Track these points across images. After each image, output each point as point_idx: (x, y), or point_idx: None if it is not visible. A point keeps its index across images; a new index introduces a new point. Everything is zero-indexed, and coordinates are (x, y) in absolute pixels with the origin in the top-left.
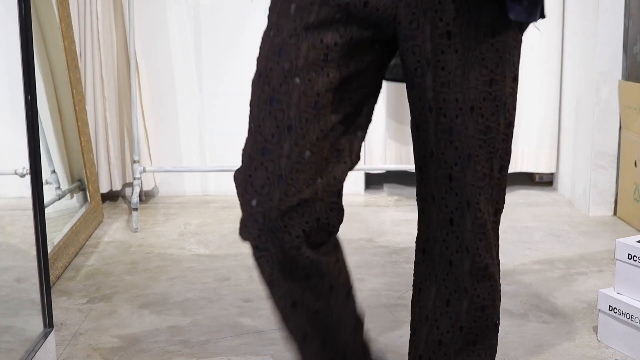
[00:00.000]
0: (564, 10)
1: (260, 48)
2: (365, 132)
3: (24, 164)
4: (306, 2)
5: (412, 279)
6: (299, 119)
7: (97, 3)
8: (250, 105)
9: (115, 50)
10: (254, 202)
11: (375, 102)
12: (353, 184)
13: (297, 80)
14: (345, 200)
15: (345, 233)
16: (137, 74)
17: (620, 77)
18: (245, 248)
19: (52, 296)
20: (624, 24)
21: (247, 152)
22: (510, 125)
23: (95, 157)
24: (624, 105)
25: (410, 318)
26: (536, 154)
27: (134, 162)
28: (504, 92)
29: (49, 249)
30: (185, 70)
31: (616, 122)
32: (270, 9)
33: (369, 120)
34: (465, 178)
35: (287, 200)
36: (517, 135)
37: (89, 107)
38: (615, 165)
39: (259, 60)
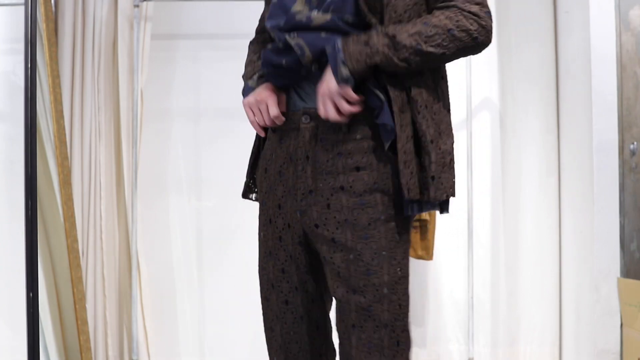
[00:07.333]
0: (560, 211)
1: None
2: None
3: None
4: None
5: None
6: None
7: (102, 203)
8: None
9: (118, 249)
10: None
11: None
12: None
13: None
14: None
15: None
16: (138, 274)
17: (619, 275)
18: None
19: None
20: (620, 222)
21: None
22: None
23: (93, 355)
24: (625, 303)
25: None
26: (538, 353)
27: None
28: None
29: None
30: (185, 270)
31: (617, 320)
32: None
33: None
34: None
35: None
36: (518, 335)
37: (89, 306)
38: None
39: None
